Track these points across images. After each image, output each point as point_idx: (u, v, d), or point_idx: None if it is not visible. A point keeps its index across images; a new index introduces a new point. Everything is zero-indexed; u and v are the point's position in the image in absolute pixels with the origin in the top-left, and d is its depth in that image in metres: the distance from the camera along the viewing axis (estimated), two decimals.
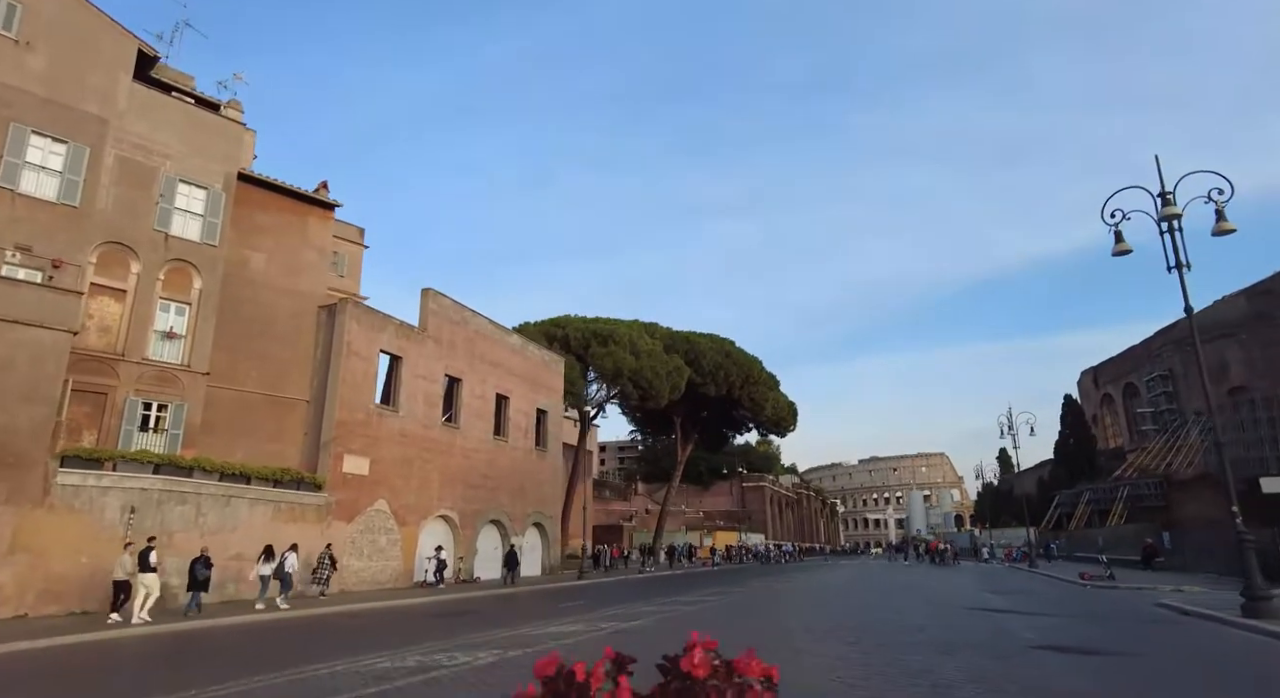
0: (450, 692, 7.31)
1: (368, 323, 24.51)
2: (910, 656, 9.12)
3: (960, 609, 15.05)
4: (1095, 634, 11.15)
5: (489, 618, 14.55)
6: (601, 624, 12.85)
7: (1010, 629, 11.84)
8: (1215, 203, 13.02)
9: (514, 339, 32.99)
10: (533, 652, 9.58)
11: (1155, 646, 10.28)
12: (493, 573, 30.04)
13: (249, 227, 23.15)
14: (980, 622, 12.91)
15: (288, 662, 8.84)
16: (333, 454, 22.54)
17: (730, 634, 11.04)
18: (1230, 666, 8.81)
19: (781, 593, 22.42)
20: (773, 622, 13.40)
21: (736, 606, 17.08)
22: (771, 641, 10.41)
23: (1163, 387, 62.61)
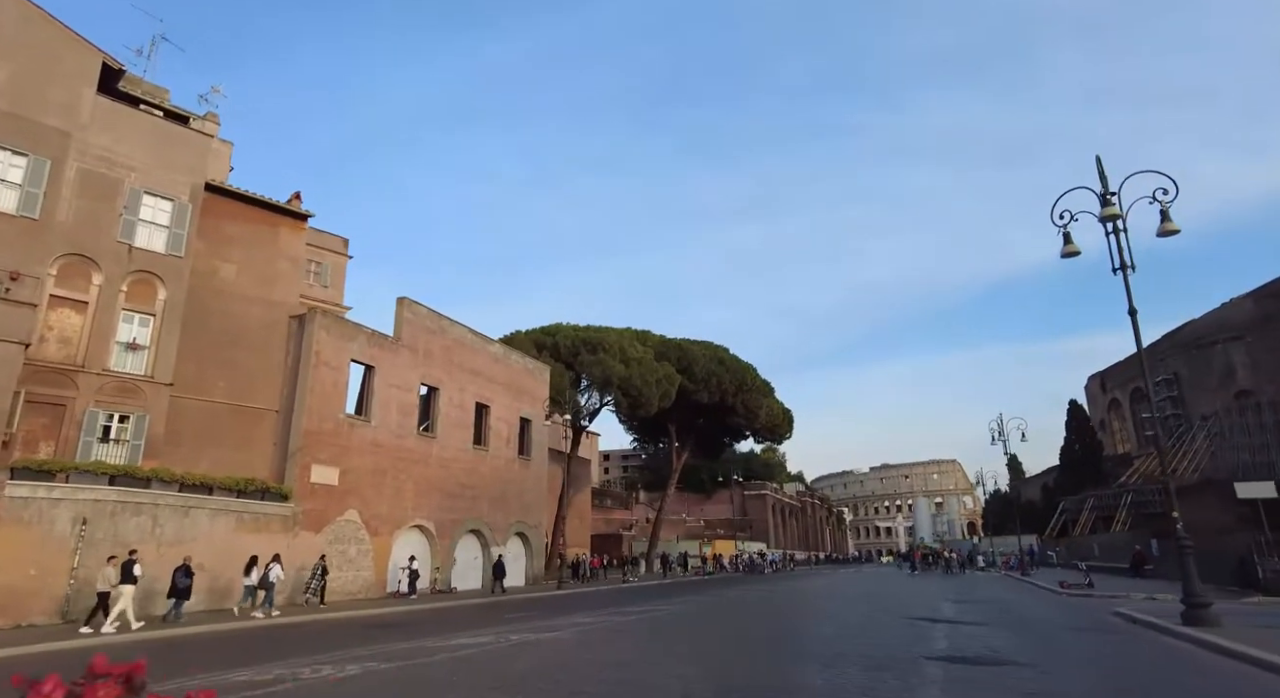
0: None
1: (338, 332, 24.52)
2: (785, 667, 9.06)
3: (900, 620, 14.73)
4: (1012, 645, 10.86)
5: (415, 630, 14.38)
6: (513, 636, 12.65)
7: (927, 639, 11.58)
8: (1160, 203, 12.70)
9: (495, 347, 32.93)
10: (408, 664, 9.52)
11: (1062, 655, 10.01)
12: (473, 583, 29.94)
13: (219, 237, 23.24)
14: (904, 632, 12.67)
15: (155, 676, 8.76)
16: (300, 464, 22.51)
17: (612, 651, 11.01)
18: (1124, 675, 8.52)
19: (734, 603, 22.20)
20: (681, 635, 13.13)
21: (668, 617, 16.85)
22: (643, 657, 10.29)
23: (1168, 391, 61.59)
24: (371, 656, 10.30)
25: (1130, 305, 12.98)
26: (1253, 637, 10.02)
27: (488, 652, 10.71)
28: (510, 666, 9.33)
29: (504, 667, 9.20)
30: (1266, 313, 55.60)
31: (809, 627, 14.25)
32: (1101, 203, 12.80)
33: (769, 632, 13.81)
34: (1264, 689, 7.60)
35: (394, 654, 10.42)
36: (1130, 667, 9.16)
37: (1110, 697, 7.33)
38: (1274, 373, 53.75)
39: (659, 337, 50.03)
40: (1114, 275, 13.41)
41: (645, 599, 23.87)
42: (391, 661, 9.80)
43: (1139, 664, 9.29)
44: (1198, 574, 26.42)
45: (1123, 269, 12.96)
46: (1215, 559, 25.76)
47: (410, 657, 10.18)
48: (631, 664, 9.53)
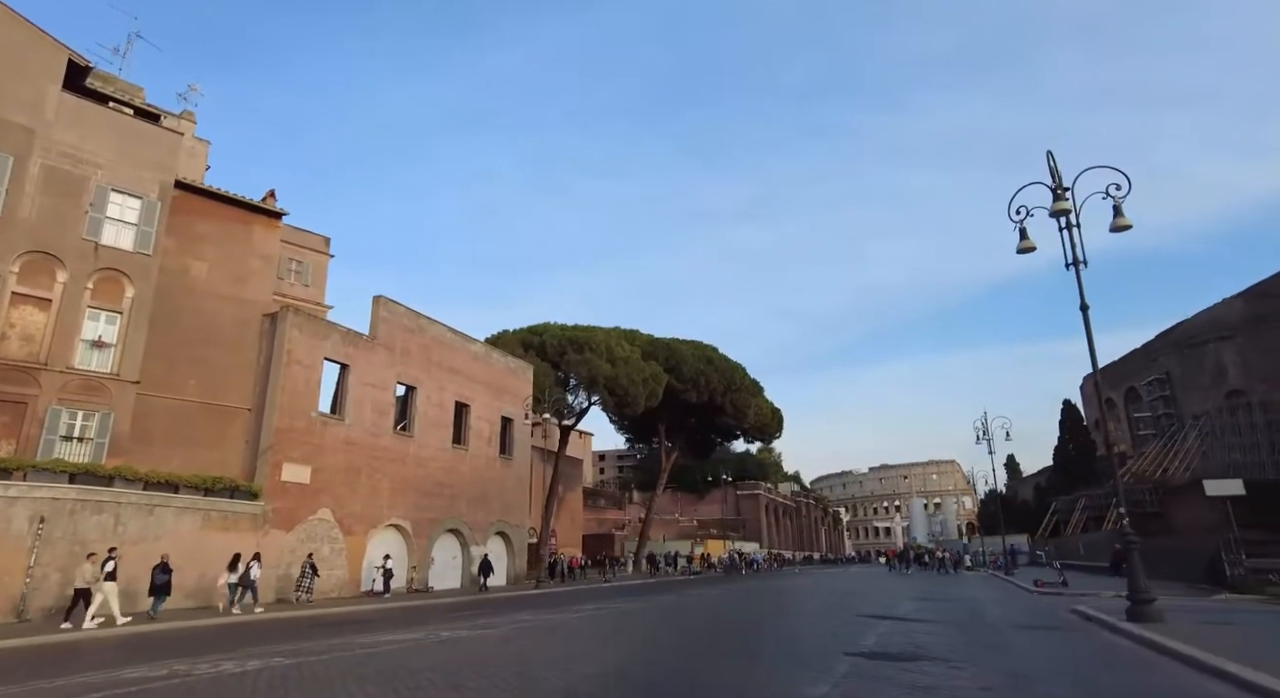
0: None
1: (310, 330, 24.44)
2: (697, 663, 8.99)
3: (851, 618, 14.61)
4: (942, 641, 10.77)
5: (359, 627, 14.28)
6: (443, 633, 12.55)
7: (860, 636, 11.52)
8: (1113, 198, 12.59)
9: (476, 346, 32.86)
10: (313, 660, 9.45)
11: (986, 651, 9.91)
12: (452, 583, 29.86)
13: (191, 235, 23.20)
14: (842, 630, 12.60)
15: (62, 672, 8.83)
16: (270, 463, 22.45)
17: (530, 646, 10.89)
18: (1034, 668, 8.44)
19: (695, 601, 22.09)
20: (613, 632, 13.02)
21: (615, 615, 16.75)
22: (557, 652, 10.26)
23: (1160, 391, 61.47)
24: (287, 652, 10.23)
25: (1082, 301, 12.85)
26: (1185, 632, 9.98)
27: (405, 648, 10.62)
28: (415, 661, 9.26)
29: (408, 662, 9.12)
30: (1257, 313, 55.45)
31: (752, 625, 14.16)
32: (1053, 198, 12.67)
33: (707, 630, 13.71)
34: (1165, 679, 7.57)
35: (310, 651, 10.37)
36: (1047, 661, 9.08)
37: (1005, 687, 7.24)
38: (1265, 373, 53.62)
39: (647, 336, 49.93)
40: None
41: (610, 598, 23.83)
42: (300, 657, 9.73)
43: (1058, 658, 9.24)
44: (1177, 573, 26.37)
45: (1075, 265, 12.84)
46: (1197, 558, 25.63)
47: (323, 653, 10.13)
48: (536, 659, 9.49)
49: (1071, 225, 13.00)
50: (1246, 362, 55.08)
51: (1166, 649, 8.71)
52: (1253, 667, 6.67)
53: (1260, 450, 52.00)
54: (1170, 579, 24.16)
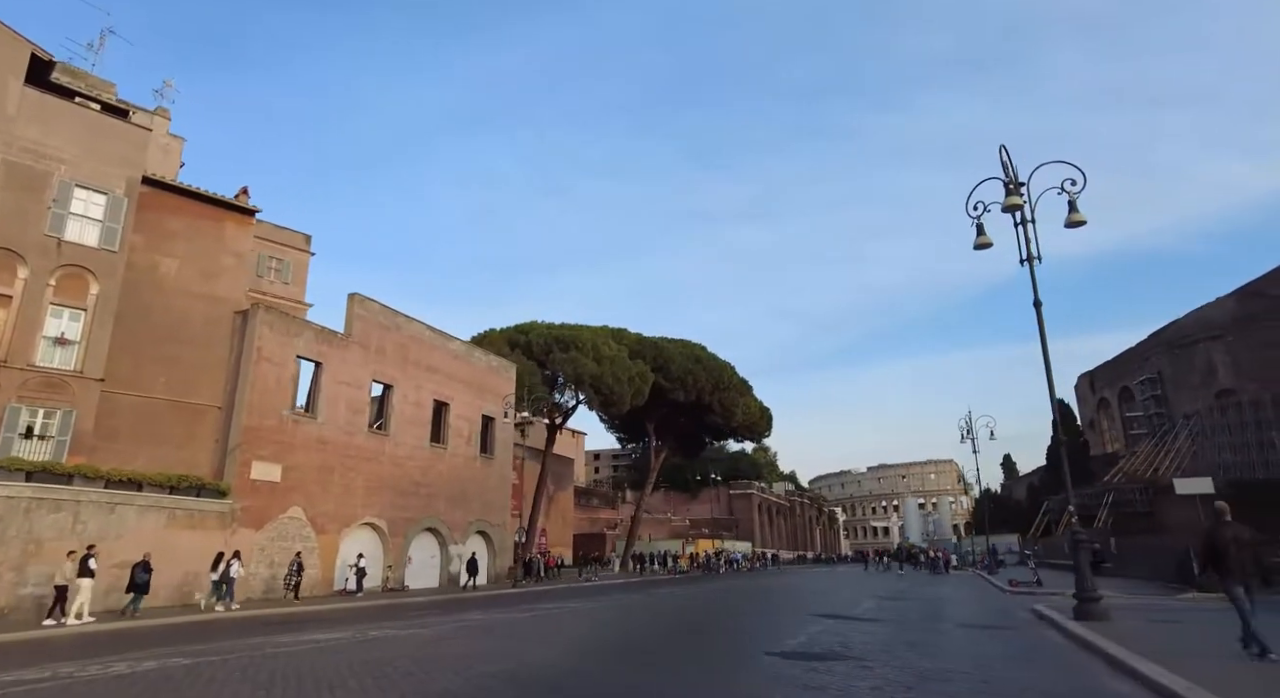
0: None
1: (282, 328, 24.31)
2: (611, 663, 8.93)
3: (805, 617, 14.45)
4: (873, 641, 10.63)
5: (296, 626, 14.15)
6: (372, 632, 12.36)
7: (792, 635, 11.38)
8: (1068, 194, 12.43)
9: (456, 344, 32.70)
10: (213, 661, 9.29)
11: (910, 649, 9.76)
12: (430, 582, 29.71)
13: (161, 232, 23.07)
14: (782, 630, 12.47)
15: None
16: (240, 461, 22.31)
17: (448, 646, 10.77)
18: (949, 666, 8.31)
19: (655, 600, 21.90)
20: (545, 632, 12.88)
21: (562, 614, 16.59)
22: (469, 651, 10.17)
23: (1151, 390, 61.28)
24: (197, 653, 10.06)
25: (1035, 298, 12.69)
26: (1123, 631, 9.89)
27: (320, 648, 10.45)
28: (318, 661, 9.09)
29: (310, 663, 8.95)
30: (1248, 311, 55.27)
31: (695, 624, 13.96)
32: (1005, 193, 12.50)
33: (647, 630, 13.48)
34: (1076, 677, 7.45)
35: (221, 651, 10.23)
36: (968, 659, 8.93)
37: (902, 685, 7.12)
38: (1255, 372, 53.43)
39: (635, 335, 49.77)
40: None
41: (576, 597, 23.60)
42: (205, 657, 9.58)
43: (982, 657, 9.09)
44: (1153, 572, 26.19)
45: (1029, 261, 12.68)
46: (1171, 557, 25.44)
47: (231, 653, 9.97)
48: (446, 659, 9.33)
49: (1026, 221, 12.84)
50: (1237, 361, 54.90)
51: (1093, 647, 8.58)
52: (1163, 665, 6.53)
53: (1250, 450, 51.83)
54: (1147, 578, 24.03)
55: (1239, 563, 8.38)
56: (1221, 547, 8.53)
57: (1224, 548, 8.50)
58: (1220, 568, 8.54)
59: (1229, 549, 8.46)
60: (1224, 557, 8.48)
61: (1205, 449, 54.52)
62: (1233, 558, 8.40)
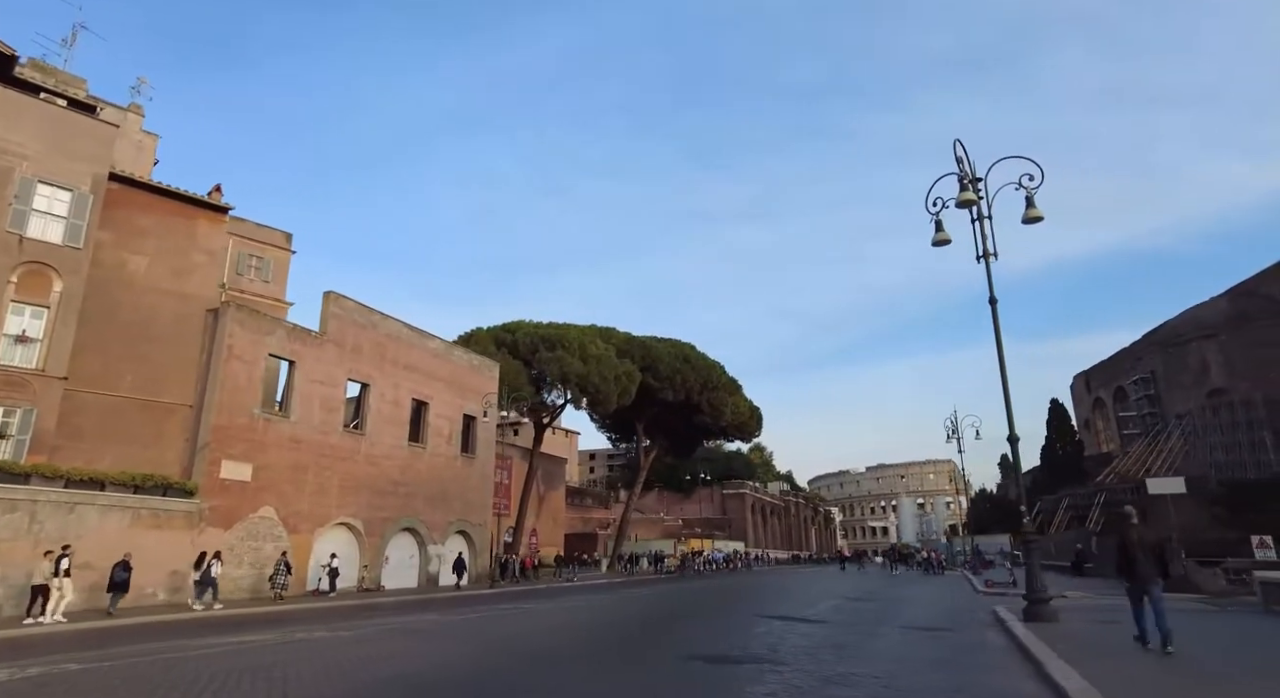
0: None
1: (254, 326, 24.12)
2: (512, 665, 8.84)
3: (753, 618, 14.20)
4: (805, 644, 10.42)
5: (243, 627, 13.97)
6: (299, 634, 12.15)
7: (725, 639, 11.21)
8: (1025, 189, 12.22)
9: (435, 343, 32.50)
10: (116, 664, 9.12)
11: (837, 653, 9.56)
12: (408, 582, 29.52)
13: (130, 229, 22.89)
14: (729, 630, 12.26)
15: None
16: (208, 460, 22.12)
17: (362, 649, 10.58)
18: (863, 671, 8.11)
19: (613, 602, 21.65)
20: (471, 634, 12.72)
21: (512, 614, 16.39)
22: (378, 654, 10.02)
23: (1144, 390, 61.01)
24: (101, 657, 9.85)
25: (991, 295, 12.45)
26: (1063, 632, 9.79)
27: (231, 651, 10.24)
28: (217, 665, 8.86)
29: (208, 667, 8.71)
30: (1240, 311, 54.98)
31: (638, 626, 13.75)
32: (959, 189, 12.26)
33: (582, 631, 13.24)
34: (992, 679, 7.31)
35: (128, 654, 10.04)
36: (891, 663, 8.73)
37: (797, 689, 6.99)
38: (1247, 371, 53.14)
39: (624, 334, 49.58)
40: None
41: (541, 598, 23.26)
42: (106, 661, 9.40)
43: (906, 660, 8.91)
44: (1114, 572, 25.91)
45: (984, 257, 12.45)
46: None
47: (134, 656, 9.78)
48: (350, 662, 9.19)
49: (983, 217, 12.61)
50: (1229, 360, 54.60)
51: (1025, 650, 8.38)
52: (1078, 666, 6.35)
53: (1241, 450, 51.57)
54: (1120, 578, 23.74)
55: (1144, 564, 8.87)
56: (1130, 549, 9.05)
57: (1131, 550, 9.02)
58: (1128, 569, 9.06)
59: (1136, 552, 8.98)
60: (1132, 558, 9.01)
61: (1197, 449, 54.25)
62: (1139, 560, 8.91)
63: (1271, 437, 49.73)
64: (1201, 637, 10.61)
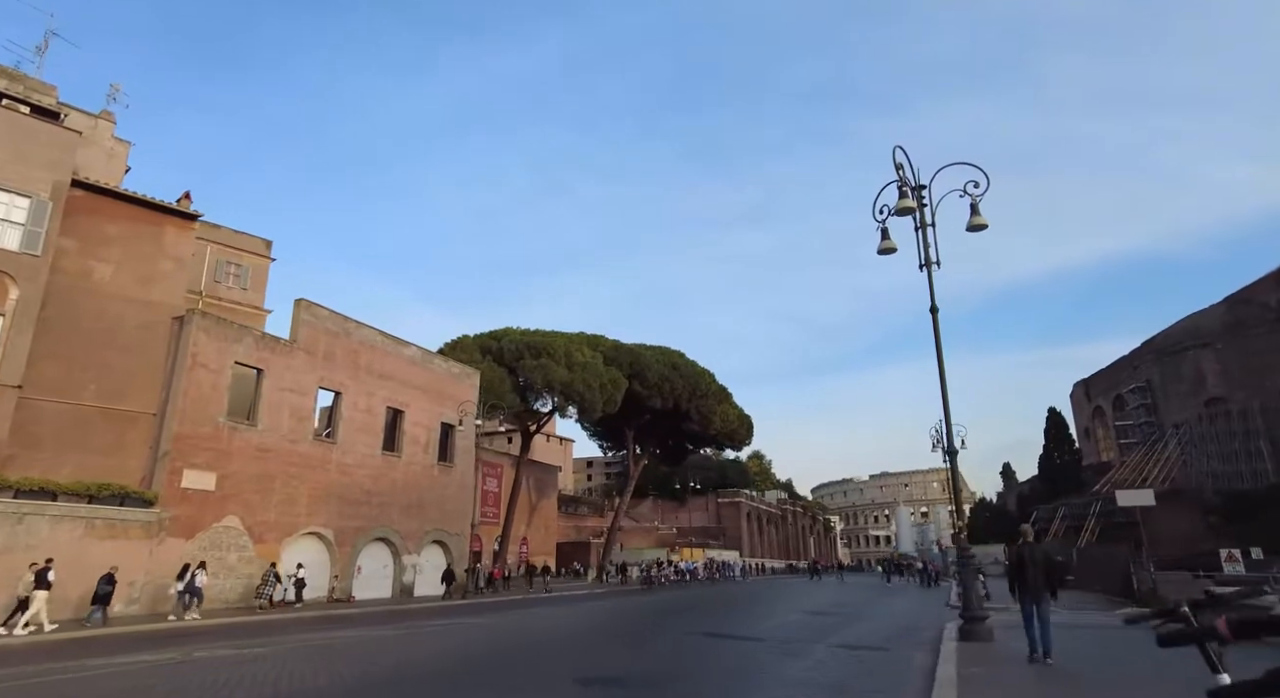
0: None
1: (219, 334, 23.92)
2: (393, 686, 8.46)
3: (681, 635, 13.76)
4: (712, 669, 10.05)
5: (163, 644, 13.58)
6: (199, 653, 11.65)
7: (648, 659, 10.89)
8: (970, 197, 11.89)
9: (412, 351, 32.27)
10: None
11: (733, 679, 9.19)
12: (381, 592, 29.18)
13: (95, 236, 22.75)
14: (655, 651, 11.87)
15: None
16: (169, 469, 21.89)
17: (247, 669, 10.24)
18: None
19: (560, 616, 21.21)
20: (384, 652, 12.40)
21: (424, 634, 15.94)
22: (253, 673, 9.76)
23: (1141, 399, 60.29)
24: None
25: (932, 303, 12.08)
26: (986, 653, 9.41)
27: (107, 674, 9.82)
28: (69, 690, 8.62)
29: (63, 692, 8.48)
30: (1238, 319, 54.30)
31: (553, 645, 13.37)
32: (899, 196, 11.91)
33: (488, 649, 12.76)
34: None
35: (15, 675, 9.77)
36: (782, 684, 8.38)
37: None
38: (1244, 380, 52.46)
39: (612, 341, 49.28)
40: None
41: (492, 612, 22.60)
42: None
43: (798, 682, 8.52)
44: (1103, 585, 25.42)
45: (926, 265, 12.10)
46: (1103, 572, 24.72)
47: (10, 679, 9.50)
48: (201, 687, 8.79)
49: (926, 225, 12.27)
50: (1226, 368, 53.91)
51: (932, 674, 8.03)
52: (973, 685, 5.99)
53: (1238, 459, 50.84)
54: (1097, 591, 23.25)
55: (1034, 580, 9.38)
56: (1022, 566, 9.56)
57: (1024, 567, 9.53)
58: (1021, 584, 9.55)
59: (1028, 568, 9.48)
60: (1023, 574, 9.49)
61: (1194, 459, 53.54)
62: (1029, 576, 9.43)
63: (1269, 446, 49.03)
64: (1106, 650, 10.70)
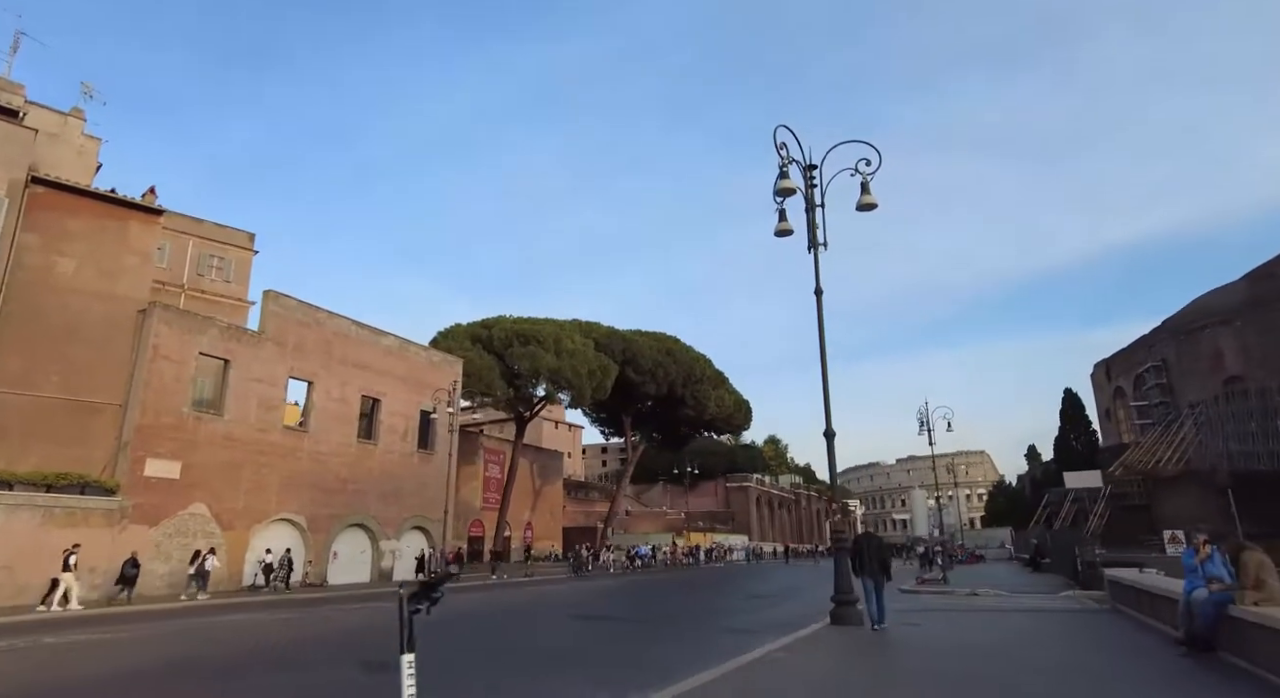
0: None
1: (183, 326, 24.33)
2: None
3: (569, 619, 13.60)
4: (548, 643, 9.94)
5: (65, 628, 13.98)
6: (48, 639, 11.85)
7: (472, 646, 10.81)
8: (861, 175, 11.49)
9: (389, 340, 32.53)
10: None
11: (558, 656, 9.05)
12: (360, 577, 29.67)
13: (57, 232, 23.23)
14: (528, 635, 11.68)
15: None
16: (132, 458, 22.40)
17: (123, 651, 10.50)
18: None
19: (487, 601, 21.20)
20: (228, 636, 12.62)
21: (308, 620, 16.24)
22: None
23: (1157, 378, 58.45)
24: None
25: (817, 286, 11.69)
26: (831, 637, 9.19)
27: None
28: None
29: None
30: (1258, 296, 52.21)
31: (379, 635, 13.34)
32: (779, 176, 11.50)
33: (342, 638, 12.91)
34: None
35: None
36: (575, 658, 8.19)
37: None
38: (1264, 358, 50.51)
39: (606, 328, 49.24)
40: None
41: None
42: None
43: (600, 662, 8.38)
44: (1064, 569, 24.70)
45: (813, 247, 11.73)
46: (1074, 555, 24.08)
47: None
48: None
49: (816, 206, 11.89)
50: (1245, 347, 51.97)
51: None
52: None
53: (1255, 440, 49.08)
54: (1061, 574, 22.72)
55: (871, 565, 11.26)
56: (860, 553, 11.45)
57: (861, 554, 11.43)
58: (860, 568, 11.37)
59: (865, 554, 11.37)
60: (862, 560, 11.36)
61: (1210, 440, 51.80)
62: (867, 561, 11.30)
63: None
64: (976, 629, 11.24)
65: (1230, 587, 7.05)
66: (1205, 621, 7.20)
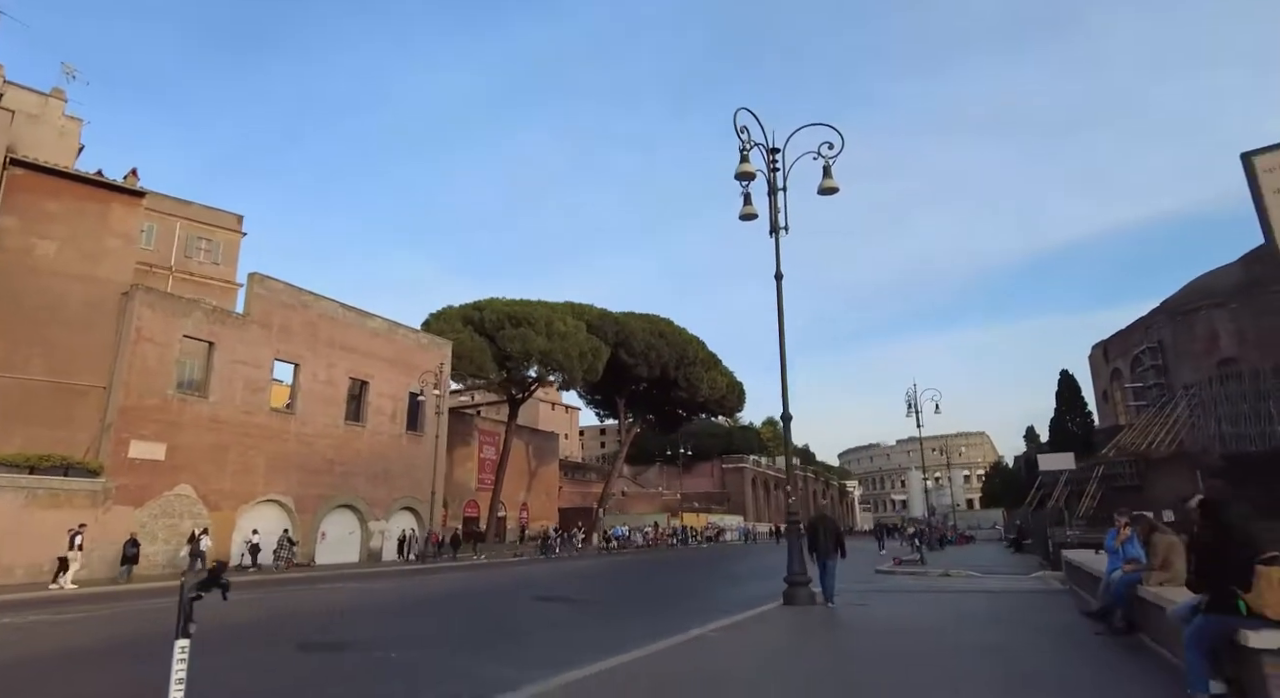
0: None
1: (167, 308, 24.44)
2: None
3: (530, 600, 13.77)
4: (497, 625, 10.07)
5: (41, 608, 14.18)
6: (5, 619, 12.16)
7: (417, 628, 11.01)
8: (824, 159, 11.45)
9: (376, 322, 32.62)
10: None
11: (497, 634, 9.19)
12: (349, 557, 30.04)
13: (38, 215, 23.28)
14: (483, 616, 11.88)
15: None
16: (116, 439, 22.62)
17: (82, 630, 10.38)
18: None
19: (451, 581, 21.41)
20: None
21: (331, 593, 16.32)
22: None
23: (1152, 360, 58.31)
24: None
25: (777, 270, 11.69)
26: (785, 617, 9.37)
27: None
28: None
29: None
30: (1253, 277, 51.86)
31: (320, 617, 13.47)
32: (740, 160, 11.44)
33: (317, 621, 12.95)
34: None
35: None
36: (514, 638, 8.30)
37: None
38: (1259, 340, 50.35)
39: (599, 310, 49.22)
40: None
41: (393, 578, 22.92)
42: None
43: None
44: (1040, 549, 24.79)
45: (774, 231, 11.72)
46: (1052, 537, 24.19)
47: None
48: None
49: (777, 189, 11.86)
50: (1240, 328, 51.80)
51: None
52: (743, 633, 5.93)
53: (1248, 421, 49.07)
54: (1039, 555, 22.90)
55: (824, 544, 11.86)
56: (815, 533, 12.09)
57: (816, 534, 12.08)
58: (814, 547, 11.96)
59: (819, 535, 12.01)
60: (816, 539, 12.00)
61: (1203, 421, 51.76)
62: (821, 540, 11.92)
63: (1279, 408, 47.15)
64: (926, 608, 11.43)
65: (1143, 567, 7.17)
66: (1117, 600, 7.35)
